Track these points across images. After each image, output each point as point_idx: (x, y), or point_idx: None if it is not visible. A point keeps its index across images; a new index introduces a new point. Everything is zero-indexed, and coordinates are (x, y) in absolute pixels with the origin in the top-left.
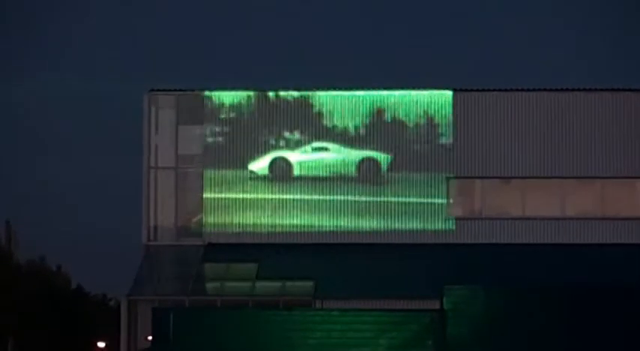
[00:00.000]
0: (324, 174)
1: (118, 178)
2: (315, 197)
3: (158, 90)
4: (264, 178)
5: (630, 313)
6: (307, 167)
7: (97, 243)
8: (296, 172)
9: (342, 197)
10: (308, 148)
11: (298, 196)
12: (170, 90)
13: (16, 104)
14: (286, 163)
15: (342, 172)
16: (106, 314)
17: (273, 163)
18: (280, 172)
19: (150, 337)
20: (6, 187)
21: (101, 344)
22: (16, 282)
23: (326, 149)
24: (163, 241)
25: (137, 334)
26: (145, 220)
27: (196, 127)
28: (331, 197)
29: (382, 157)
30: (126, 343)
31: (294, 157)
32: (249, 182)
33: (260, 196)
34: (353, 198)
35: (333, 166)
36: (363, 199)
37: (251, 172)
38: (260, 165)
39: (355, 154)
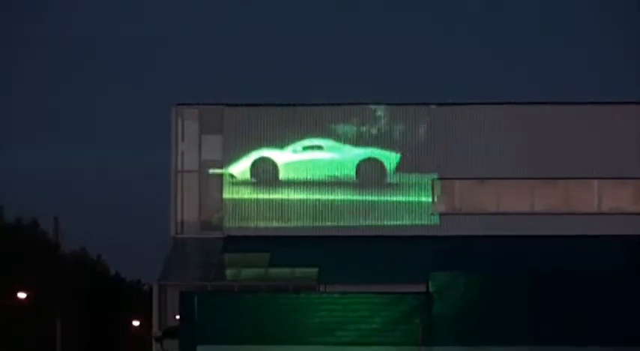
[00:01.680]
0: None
1: (149, 180)
2: (318, 197)
3: (184, 104)
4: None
5: (592, 296)
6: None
7: (132, 236)
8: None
9: (342, 197)
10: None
11: (303, 197)
12: (194, 104)
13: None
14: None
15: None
16: (140, 297)
17: (254, 165)
18: (265, 175)
19: (177, 317)
20: (57, 187)
21: (136, 323)
22: (62, 270)
23: (319, 148)
24: (189, 234)
25: (167, 314)
26: (172, 216)
27: (217, 136)
28: (332, 197)
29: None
30: (157, 322)
31: (282, 157)
32: (261, 183)
33: (271, 196)
34: (352, 198)
35: (330, 166)
36: (361, 198)
37: (231, 175)
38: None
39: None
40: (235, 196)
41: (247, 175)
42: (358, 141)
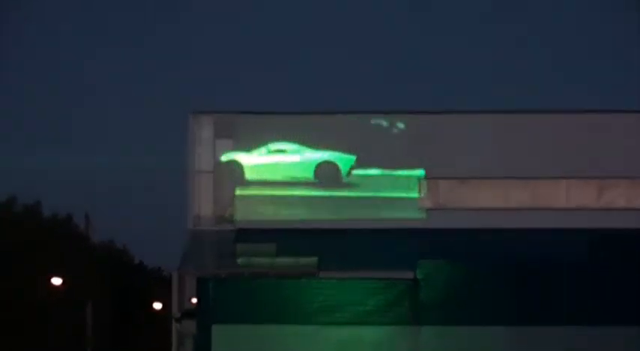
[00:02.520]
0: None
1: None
2: (319, 194)
3: (200, 112)
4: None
5: (560, 281)
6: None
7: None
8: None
9: (339, 194)
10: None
11: (305, 194)
12: (209, 111)
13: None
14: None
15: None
16: (161, 283)
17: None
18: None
19: (194, 300)
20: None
21: (157, 306)
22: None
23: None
24: (204, 226)
25: (185, 298)
26: (190, 211)
27: (229, 140)
28: (330, 194)
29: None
30: (177, 305)
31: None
32: (268, 182)
33: (277, 193)
34: (348, 195)
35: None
36: (356, 195)
37: (241, 175)
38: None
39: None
40: (245, 193)
41: (256, 175)
42: (355, 148)
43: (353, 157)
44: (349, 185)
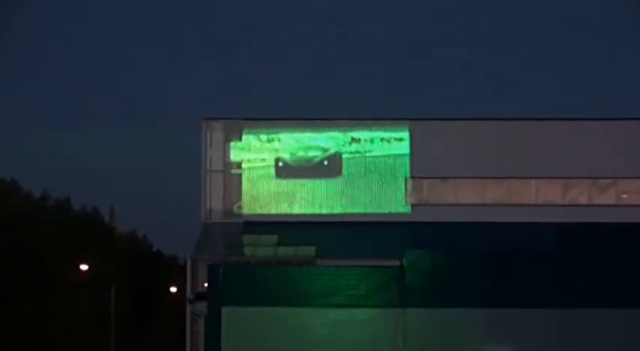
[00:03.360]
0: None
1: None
2: (316, 191)
3: (211, 118)
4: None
5: (529, 268)
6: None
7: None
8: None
9: (336, 190)
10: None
11: (305, 191)
12: (219, 118)
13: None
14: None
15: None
16: (177, 269)
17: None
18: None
19: (206, 284)
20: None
21: (173, 289)
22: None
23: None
24: (215, 219)
25: (197, 282)
26: (203, 205)
27: (237, 143)
28: (327, 190)
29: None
30: (190, 288)
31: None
32: (272, 180)
33: (279, 190)
34: (343, 190)
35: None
36: (350, 191)
37: (248, 174)
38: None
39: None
40: (251, 190)
41: (261, 174)
42: (351, 149)
43: (346, 157)
44: (343, 182)
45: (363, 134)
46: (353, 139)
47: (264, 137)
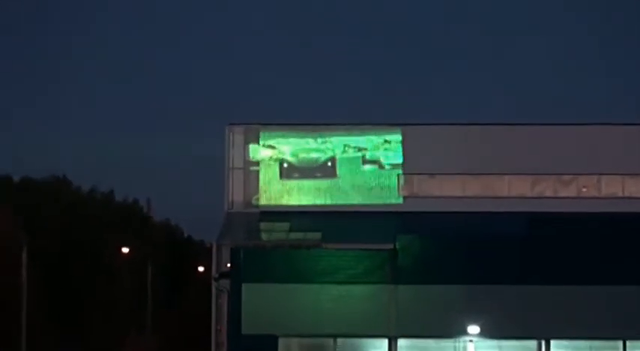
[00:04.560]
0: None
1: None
2: (322, 185)
3: (234, 123)
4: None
5: (502, 253)
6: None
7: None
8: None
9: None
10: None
11: (312, 184)
12: (240, 123)
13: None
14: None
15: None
16: (204, 252)
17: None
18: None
19: (229, 265)
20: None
21: (201, 268)
22: (152, 234)
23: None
24: (237, 209)
25: (221, 263)
26: (226, 198)
27: (255, 145)
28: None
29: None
30: (215, 268)
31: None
32: (283, 176)
33: (290, 184)
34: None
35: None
36: (354, 186)
37: (264, 171)
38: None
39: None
40: (267, 184)
41: (275, 171)
42: (353, 149)
43: (348, 156)
44: (346, 178)
45: (363, 137)
46: (354, 142)
47: (276, 140)
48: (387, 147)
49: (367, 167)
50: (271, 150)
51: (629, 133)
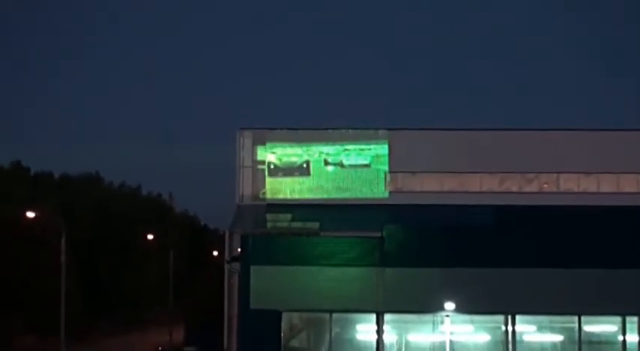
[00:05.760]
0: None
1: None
2: (319, 182)
3: (244, 128)
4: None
5: (474, 240)
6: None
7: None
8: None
9: (336, 180)
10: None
11: (311, 181)
12: (249, 128)
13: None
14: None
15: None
16: (218, 238)
17: (283, 163)
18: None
19: (239, 250)
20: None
21: (215, 253)
22: (174, 223)
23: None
24: (246, 202)
25: (233, 248)
26: (237, 191)
27: (262, 146)
28: (329, 181)
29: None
30: (228, 253)
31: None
32: (286, 174)
33: (292, 180)
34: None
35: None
36: (347, 182)
37: (270, 169)
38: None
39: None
40: (272, 180)
41: (279, 169)
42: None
43: (342, 157)
44: (341, 175)
45: (355, 140)
46: (349, 144)
47: (282, 142)
48: (376, 148)
49: (360, 166)
50: (276, 151)
51: (584, 138)
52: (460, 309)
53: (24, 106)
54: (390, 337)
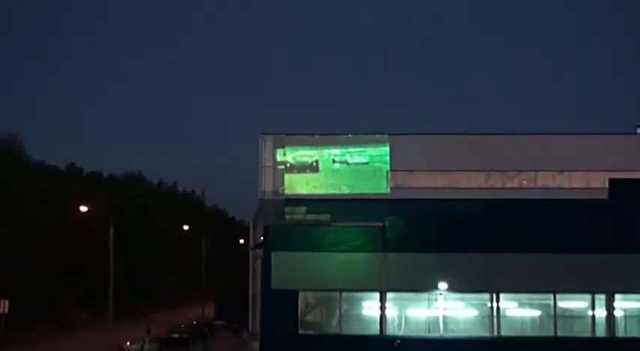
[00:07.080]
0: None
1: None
2: (331, 180)
3: (265, 133)
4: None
5: (464, 229)
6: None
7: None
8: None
9: (344, 178)
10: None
11: (323, 178)
12: (270, 133)
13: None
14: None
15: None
16: (243, 228)
17: (300, 163)
18: (305, 169)
19: (262, 238)
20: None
21: (241, 241)
22: (205, 215)
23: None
24: (267, 197)
25: (257, 236)
26: (259, 188)
27: (282, 149)
28: (338, 179)
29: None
30: (252, 241)
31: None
32: (302, 172)
33: (308, 177)
34: (349, 178)
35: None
36: (354, 180)
37: (288, 168)
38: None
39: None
40: (290, 178)
41: (296, 169)
42: (353, 153)
43: (349, 158)
44: (349, 174)
45: (360, 144)
46: (354, 147)
47: (299, 145)
48: (379, 150)
49: (365, 165)
50: (294, 153)
51: (558, 141)
52: (452, 288)
53: (82, 109)
54: (391, 312)
